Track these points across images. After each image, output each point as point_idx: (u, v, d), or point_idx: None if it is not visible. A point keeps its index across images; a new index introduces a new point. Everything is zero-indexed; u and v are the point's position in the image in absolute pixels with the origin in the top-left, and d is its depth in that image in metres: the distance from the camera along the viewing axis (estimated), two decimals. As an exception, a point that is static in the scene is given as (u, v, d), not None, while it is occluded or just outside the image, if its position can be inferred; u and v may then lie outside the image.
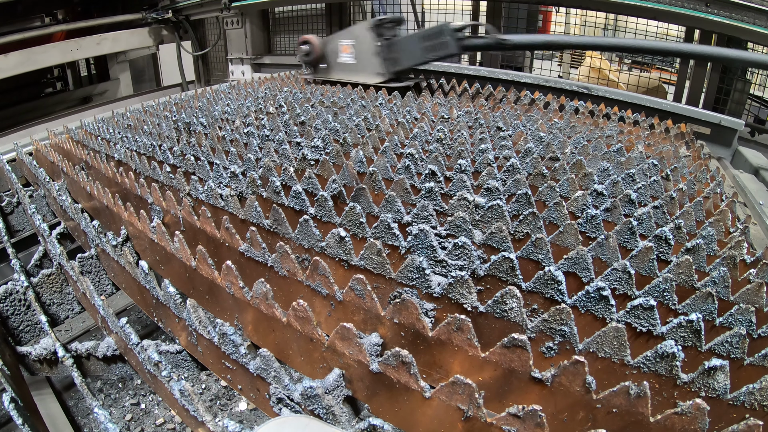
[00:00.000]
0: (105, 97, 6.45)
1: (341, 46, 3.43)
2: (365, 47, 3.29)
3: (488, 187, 1.62)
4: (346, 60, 3.44)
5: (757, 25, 2.62)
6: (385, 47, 3.20)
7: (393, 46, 3.18)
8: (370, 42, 3.24)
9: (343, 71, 3.50)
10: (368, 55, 3.28)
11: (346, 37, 3.40)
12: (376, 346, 1.13)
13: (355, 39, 3.34)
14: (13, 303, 1.74)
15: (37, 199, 2.49)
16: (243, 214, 1.61)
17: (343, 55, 3.44)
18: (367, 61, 3.30)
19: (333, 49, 3.51)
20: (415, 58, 3.12)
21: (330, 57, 3.55)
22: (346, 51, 3.41)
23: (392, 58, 3.20)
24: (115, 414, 1.82)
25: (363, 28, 3.27)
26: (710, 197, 1.76)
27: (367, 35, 3.25)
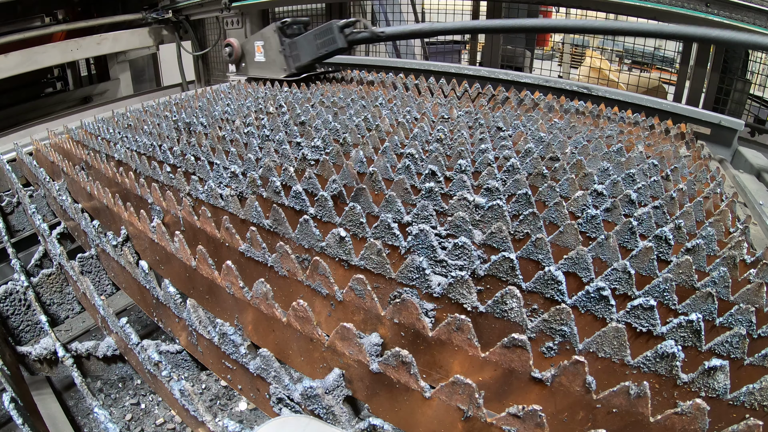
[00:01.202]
0: (105, 97, 6.44)
1: (255, 47, 3.85)
2: (272, 47, 3.71)
3: (488, 187, 1.62)
4: (259, 59, 3.88)
5: (757, 24, 2.62)
6: (288, 46, 3.62)
7: (293, 45, 3.59)
8: (276, 42, 3.66)
9: (257, 68, 3.92)
10: (275, 54, 3.71)
11: (258, 39, 3.81)
12: (376, 346, 1.13)
13: (264, 40, 3.75)
14: (13, 303, 1.74)
15: (37, 199, 2.49)
16: (243, 214, 1.61)
17: (257, 54, 3.87)
18: (275, 59, 3.73)
19: (249, 49, 3.92)
20: (312, 53, 3.51)
21: (247, 57, 3.98)
22: (259, 51, 3.85)
23: (294, 55, 3.62)
24: (115, 414, 1.82)
25: (270, 30, 3.68)
26: (710, 197, 1.76)
27: (274, 36, 3.66)
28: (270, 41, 3.70)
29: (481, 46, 4.69)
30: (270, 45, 3.71)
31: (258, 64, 3.90)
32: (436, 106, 2.84)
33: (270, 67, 3.80)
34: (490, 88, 3.28)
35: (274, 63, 3.75)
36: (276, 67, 3.75)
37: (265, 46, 3.76)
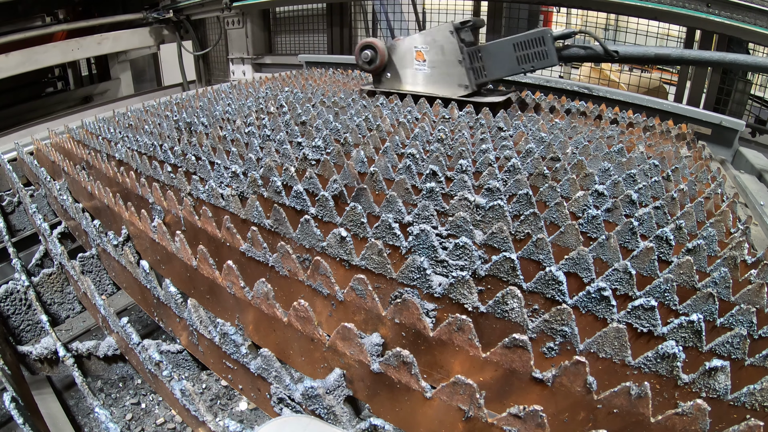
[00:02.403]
0: (106, 96, 6.45)
1: (414, 52, 2.89)
2: (446, 54, 2.78)
3: (489, 187, 1.62)
4: (419, 68, 2.92)
5: (757, 25, 2.62)
6: (470, 55, 2.74)
7: (479, 54, 2.74)
8: (453, 48, 2.74)
9: (416, 82, 2.97)
10: (449, 64, 2.79)
11: (421, 42, 2.86)
12: (377, 346, 1.13)
13: (431, 44, 2.82)
14: (13, 302, 1.74)
15: (38, 198, 2.49)
16: (244, 213, 1.61)
17: (417, 62, 2.92)
18: (448, 71, 2.81)
19: (402, 55, 2.96)
20: (507, 68, 2.70)
21: (398, 65, 3.00)
22: (421, 58, 2.89)
23: (478, 67, 2.76)
24: (116, 413, 1.82)
25: (443, 31, 2.77)
26: (711, 198, 1.76)
27: (449, 39, 2.75)
28: (441, 46, 2.78)
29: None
30: (441, 51, 2.79)
31: (418, 77, 2.94)
32: (436, 106, 2.84)
33: (439, 82, 2.87)
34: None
35: (447, 76, 2.83)
36: (450, 83, 2.83)
37: (431, 53, 2.83)
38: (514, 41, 2.61)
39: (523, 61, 2.63)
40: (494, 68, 2.73)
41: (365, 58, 3.00)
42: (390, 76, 3.05)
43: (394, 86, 3.06)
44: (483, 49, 2.72)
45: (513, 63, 2.65)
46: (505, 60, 2.67)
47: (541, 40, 2.54)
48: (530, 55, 2.60)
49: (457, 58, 2.75)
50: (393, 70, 3.02)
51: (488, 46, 2.70)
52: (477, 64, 2.75)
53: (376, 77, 3.11)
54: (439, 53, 2.81)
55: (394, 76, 3.04)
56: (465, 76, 2.76)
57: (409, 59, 2.93)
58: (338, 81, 3.86)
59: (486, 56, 2.72)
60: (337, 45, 5.13)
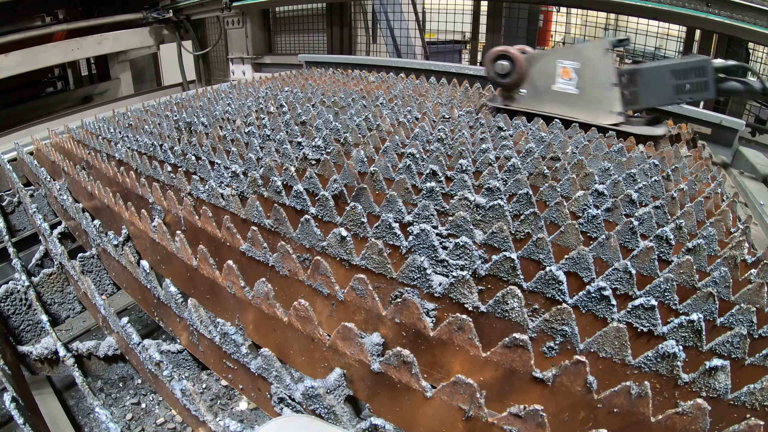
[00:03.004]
0: (106, 96, 6.45)
1: (559, 69, 2.53)
2: (597, 74, 2.45)
3: (489, 186, 1.62)
4: (564, 88, 2.53)
5: (757, 25, 2.62)
6: (625, 77, 2.44)
7: (634, 77, 2.44)
8: (608, 68, 2.42)
9: (557, 103, 2.57)
10: (601, 86, 2.45)
11: (569, 58, 2.50)
12: (377, 345, 1.13)
13: (582, 61, 2.47)
14: (14, 302, 1.74)
15: (38, 198, 2.49)
16: (244, 213, 1.61)
17: (561, 81, 2.53)
18: (597, 94, 2.47)
19: (544, 71, 2.57)
20: (663, 97, 2.42)
21: (537, 81, 2.60)
22: (567, 76, 2.52)
23: (631, 93, 2.45)
24: (116, 413, 1.82)
25: (598, 48, 2.43)
26: (711, 197, 1.76)
27: (605, 59, 2.41)
28: (594, 64, 2.44)
29: (482, 46, 4.69)
30: (593, 70, 2.45)
31: (560, 98, 2.54)
32: (437, 106, 2.84)
33: (586, 106, 2.49)
34: (491, 88, 3.28)
35: (595, 100, 2.47)
36: (598, 108, 2.47)
37: (581, 71, 2.46)
38: (672, 68, 2.36)
39: (680, 91, 2.35)
40: (648, 96, 2.43)
41: (501, 69, 2.60)
42: (526, 93, 2.64)
43: (531, 105, 2.63)
44: (638, 73, 2.43)
45: (669, 92, 2.38)
46: (661, 88, 2.39)
47: (702, 71, 2.29)
48: (688, 85, 2.33)
49: (610, 81, 2.42)
50: (530, 87, 2.62)
51: (644, 71, 2.42)
52: (629, 89, 2.45)
53: (508, 93, 2.70)
54: (590, 73, 2.46)
55: (532, 93, 2.63)
56: (617, 101, 2.43)
57: (551, 76, 2.54)
58: (338, 81, 3.85)
59: (641, 81, 2.42)
60: (336, 45, 5.13)
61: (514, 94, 2.67)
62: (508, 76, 2.60)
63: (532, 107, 2.62)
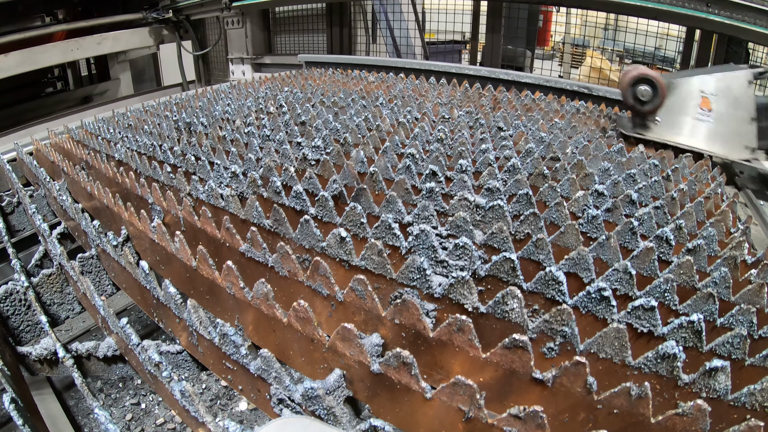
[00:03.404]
0: (105, 96, 6.45)
1: (700, 98, 2.27)
2: (738, 107, 2.23)
3: (489, 187, 1.62)
4: (702, 119, 2.29)
5: (757, 25, 2.61)
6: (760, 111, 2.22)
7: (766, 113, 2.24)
8: (749, 101, 2.21)
9: (693, 135, 2.31)
10: (740, 120, 2.24)
11: (712, 86, 2.25)
12: (377, 346, 1.13)
13: (724, 91, 2.23)
14: (13, 303, 1.74)
15: (38, 198, 2.49)
16: (243, 214, 1.61)
17: (701, 111, 2.29)
18: (736, 128, 2.25)
19: (684, 98, 2.31)
20: None
21: (675, 110, 2.34)
22: (707, 107, 2.27)
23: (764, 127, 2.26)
24: (116, 414, 1.82)
25: (740, 79, 2.21)
26: (711, 197, 1.76)
27: (746, 91, 2.20)
28: (735, 96, 2.21)
29: (482, 46, 4.69)
30: (733, 103, 2.21)
31: (696, 129, 2.28)
32: (436, 106, 2.84)
33: (722, 140, 2.25)
34: (490, 88, 3.28)
35: (733, 134, 2.25)
36: (735, 142, 2.25)
37: (720, 102, 2.22)
38: None
39: None
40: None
41: (642, 95, 2.33)
42: (661, 121, 2.37)
43: (665, 136, 2.36)
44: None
45: None
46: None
47: None
48: None
49: (750, 115, 2.23)
50: (667, 115, 2.36)
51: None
52: (764, 124, 2.25)
53: (641, 119, 2.45)
54: (730, 105, 2.24)
55: (668, 122, 2.36)
56: (754, 136, 2.24)
57: (691, 106, 2.29)
58: (338, 81, 3.85)
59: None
60: (336, 45, 5.12)
61: (648, 121, 2.42)
62: (650, 102, 2.33)
63: (667, 138, 2.36)
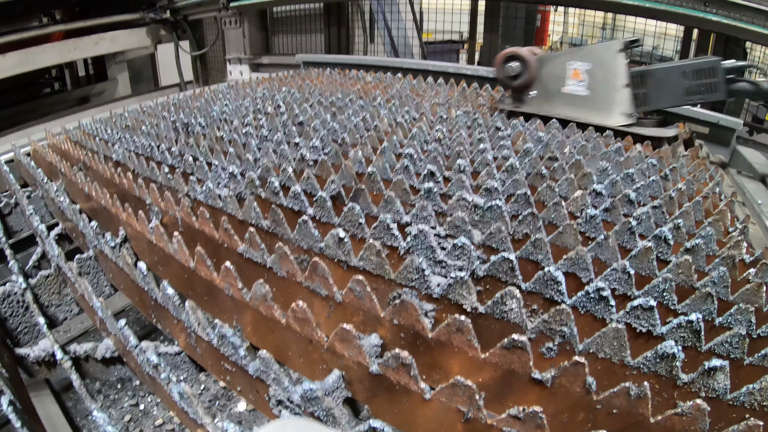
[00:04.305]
0: (103, 97, 6.43)
1: (570, 70, 2.50)
2: (609, 76, 2.43)
3: (487, 187, 1.62)
4: (574, 90, 2.51)
5: (755, 24, 2.62)
6: (637, 78, 2.42)
7: (644, 79, 2.43)
8: (620, 69, 2.41)
9: (567, 105, 2.54)
10: (612, 88, 2.43)
11: (581, 59, 2.48)
12: (375, 347, 1.13)
13: (594, 63, 2.45)
14: (11, 304, 1.73)
15: (35, 199, 2.48)
16: (242, 214, 1.61)
17: (572, 82, 2.51)
18: (610, 96, 2.45)
19: (554, 72, 2.55)
20: (674, 98, 2.41)
21: (547, 83, 2.59)
22: (577, 77, 2.50)
23: (640, 94, 2.45)
24: (114, 415, 1.81)
25: (609, 50, 2.42)
26: (709, 197, 1.76)
27: (616, 59, 2.40)
28: (605, 66, 2.42)
29: (480, 46, 4.68)
30: (604, 71, 2.43)
31: (571, 100, 2.52)
32: (434, 107, 2.84)
33: (597, 107, 2.47)
34: (488, 88, 3.28)
35: (607, 101, 2.46)
36: (610, 109, 2.45)
37: (592, 72, 2.45)
38: (683, 69, 2.35)
39: (691, 93, 2.34)
40: (658, 97, 2.42)
41: (511, 72, 2.58)
42: (536, 95, 2.63)
43: (541, 108, 2.62)
44: (648, 74, 2.42)
45: (679, 93, 2.37)
46: (672, 89, 2.38)
47: (713, 71, 2.28)
48: (699, 86, 2.32)
49: (622, 83, 2.41)
50: (541, 89, 2.61)
51: (655, 72, 2.42)
52: (639, 90, 2.44)
53: (517, 95, 2.68)
54: (602, 74, 2.45)
55: (542, 95, 2.62)
56: (629, 103, 2.43)
57: (562, 78, 2.53)
58: (336, 81, 3.85)
59: (651, 82, 2.42)
60: (334, 45, 5.12)
61: (524, 96, 2.64)
62: (519, 77, 2.57)
63: (542, 110, 2.60)
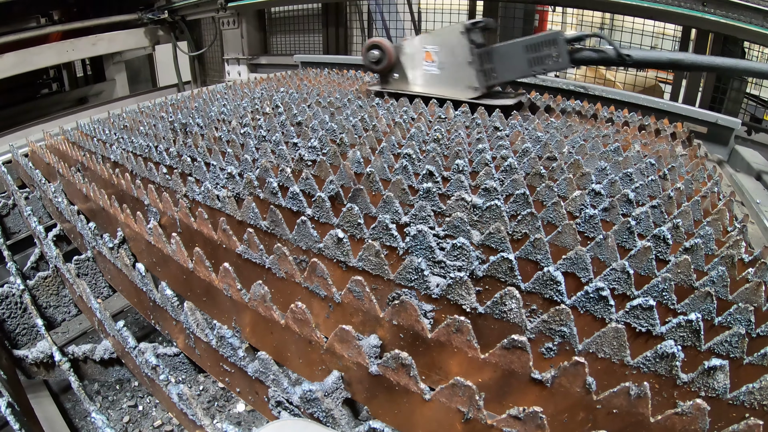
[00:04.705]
0: (101, 97, 6.43)
1: (423, 53, 2.86)
2: (455, 55, 2.75)
3: (486, 187, 1.62)
4: (429, 70, 2.88)
5: (753, 24, 2.62)
6: (480, 56, 2.71)
7: (490, 56, 2.70)
8: (463, 49, 2.71)
9: (424, 84, 2.94)
10: (459, 65, 2.76)
11: (431, 42, 2.83)
12: (375, 348, 1.13)
13: (441, 44, 2.80)
14: (9, 306, 1.73)
15: (33, 200, 2.48)
16: (240, 215, 1.61)
17: (426, 63, 2.88)
18: (457, 73, 2.78)
19: (411, 55, 2.93)
20: (518, 70, 2.66)
21: (406, 65, 2.97)
22: (430, 59, 2.85)
23: (488, 69, 2.72)
24: (113, 416, 1.80)
25: (454, 32, 2.73)
26: (708, 196, 1.77)
27: (460, 40, 2.71)
28: (452, 47, 2.74)
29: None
30: (451, 52, 2.76)
31: (426, 78, 2.91)
32: (432, 106, 2.84)
33: (448, 84, 2.83)
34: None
35: (456, 78, 2.79)
36: (459, 85, 2.79)
37: (441, 53, 2.80)
38: (526, 43, 2.57)
39: (535, 64, 2.58)
40: (504, 70, 2.68)
41: (372, 58, 2.97)
42: (398, 76, 3.01)
43: (401, 87, 3.02)
44: (493, 51, 2.67)
45: (524, 65, 2.61)
46: (516, 62, 2.62)
47: (553, 43, 2.49)
48: (542, 57, 2.55)
49: (466, 60, 2.71)
50: (401, 71, 2.99)
51: (499, 48, 2.66)
52: (487, 66, 2.70)
53: (384, 78, 3.08)
54: (449, 54, 2.77)
55: (402, 76, 3.00)
56: (475, 77, 2.72)
57: (417, 60, 2.89)
58: (334, 81, 3.85)
59: (496, 58, 2.68)
60: (332, 45, 5.12)
61: (389, 78, 3.06)
62: (380, 63, 2.97)
63: (403, 88, 3.02)
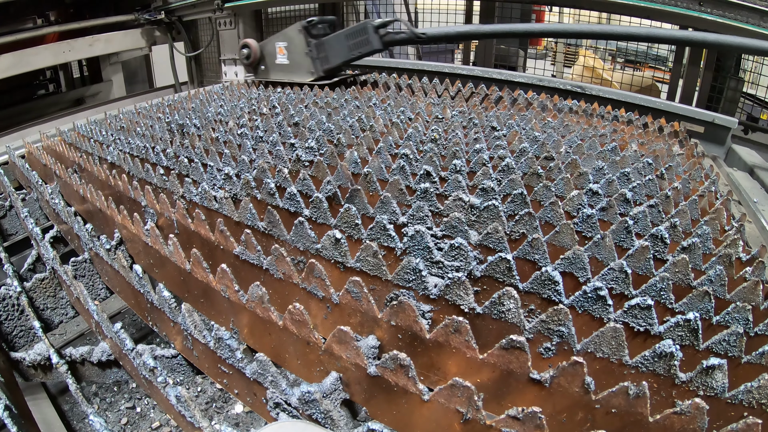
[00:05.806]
0: (98, 98, 6.40)
1: (277, 48, 3.60)
2: (297, 48, 3.46)
3: (483, 187, 1.62)
4: (281, 61, 3.62)
5: (750, 23, 2.63)
6: (315, 47, 3.38)
7: (322, 46, 3.36)
8: (302, 43, 3.42)
9: (280, 72, 3.68)
10: (300, 56, 3.46)
11: (281, 40, 3.57)
12: (373, 348, 1.13)
13: (288, 41, 3.51)
14: (6, 308, 1.72)
15: (30, 202, 2.47)
16: (237, 216, 1.60)
17: (279, 56, 3.62)
18: (300, 62, 3.48)
19: (270, 51, 3.65)
20: (342, 55, 3.29)
21: (268, 59, 3.71)
22: (281, 52, 3.60)
23: (322, 57, 3.38)
24: (111, 418, 1.80)
25: (294, 30, 3.44)
26: (705, 195, 1.77)
27: (299, 36, 3.42)
28: (294, 42, 3.46)
29: (475, 46, 4.69)
30: (294, 46, 3.47)
31: (281, 68, 3.65)
32: (429, 106, 2.84)
33: (295, 71, 3.55)
34: (483, 88, 3.28)
35: (299, 66, 3.50)
36: (302, 71, 3.51)
37: (288, 48, 3.51)
38: (345, 33, 3.21)
39: (354, 49, 3.19)
40: (333, 56, 3.35)
41: (243, 55, 3.76)
42: (264, 68, 3.77)
43: (266, 76, 3.78)
44: (324, 42, 3.34)
45: (345, 51, 3.24)
46: (340, 49, 3.27)
47: (364, 30, 3.08)
48: (358, 43, 3.14)
49: (304, 51, 3.41)
50: (265, 63, 3.75)
51: (328, 39, 3.33)
52: (321, 54, 3.38)
53: (255, 69, 3.84)
54: (293, 48, 3.49)
55: (266, 68, 3.76)
56: (312, 64, 3.43)
57: (275, 54, 3.64)
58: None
59: (327, 47, 3.34)
60: (330, 45, 5.12)
61: (257, 69, 3.82)
62: (249, 58, 3.73)
63: (267, 77, 3.78)
